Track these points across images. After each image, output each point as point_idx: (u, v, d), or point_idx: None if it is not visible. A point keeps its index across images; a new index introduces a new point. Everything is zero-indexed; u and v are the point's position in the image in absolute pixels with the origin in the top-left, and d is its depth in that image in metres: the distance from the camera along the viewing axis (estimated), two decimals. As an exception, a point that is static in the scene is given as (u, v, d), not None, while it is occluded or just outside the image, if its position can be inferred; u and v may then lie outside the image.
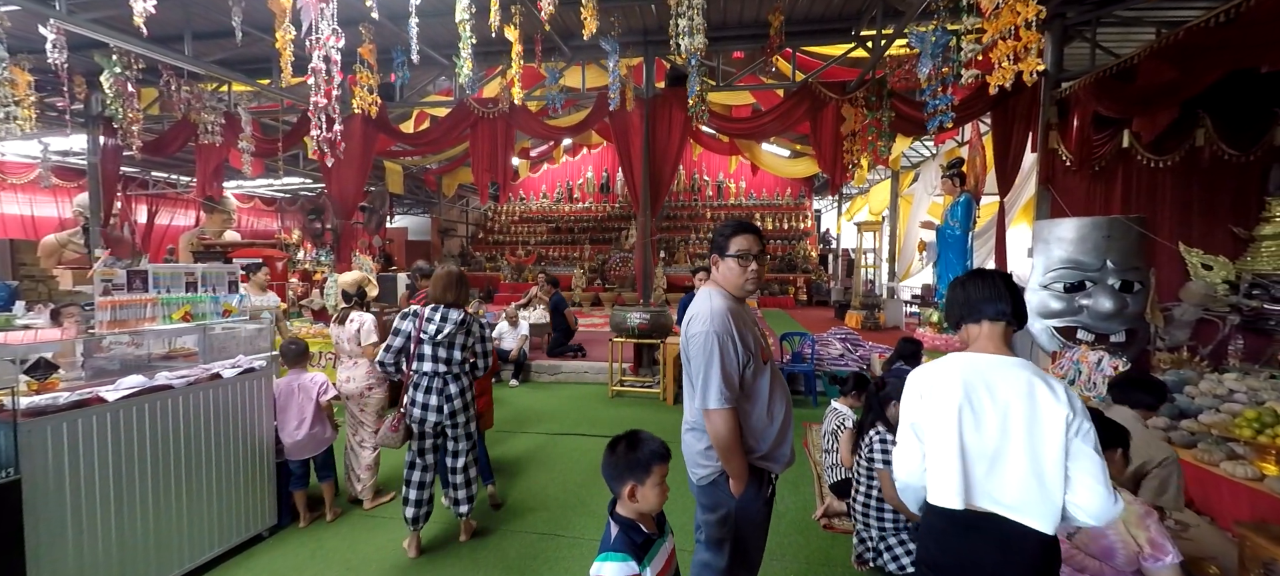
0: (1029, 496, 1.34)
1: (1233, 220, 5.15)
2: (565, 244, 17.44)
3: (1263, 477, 2.79)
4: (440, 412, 2.82)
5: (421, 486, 2.89)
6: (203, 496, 2.79)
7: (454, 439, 2.92)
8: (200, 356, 3.26)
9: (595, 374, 6.69)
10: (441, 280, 2.89)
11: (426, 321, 2.82)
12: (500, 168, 7.42)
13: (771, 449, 1.87)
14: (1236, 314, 4.87)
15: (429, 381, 2.81)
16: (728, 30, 6.73)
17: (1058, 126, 5.79)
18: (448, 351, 2.82)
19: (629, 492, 1.53)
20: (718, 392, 1.72)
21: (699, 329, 1.78)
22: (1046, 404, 1.33)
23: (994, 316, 1.43)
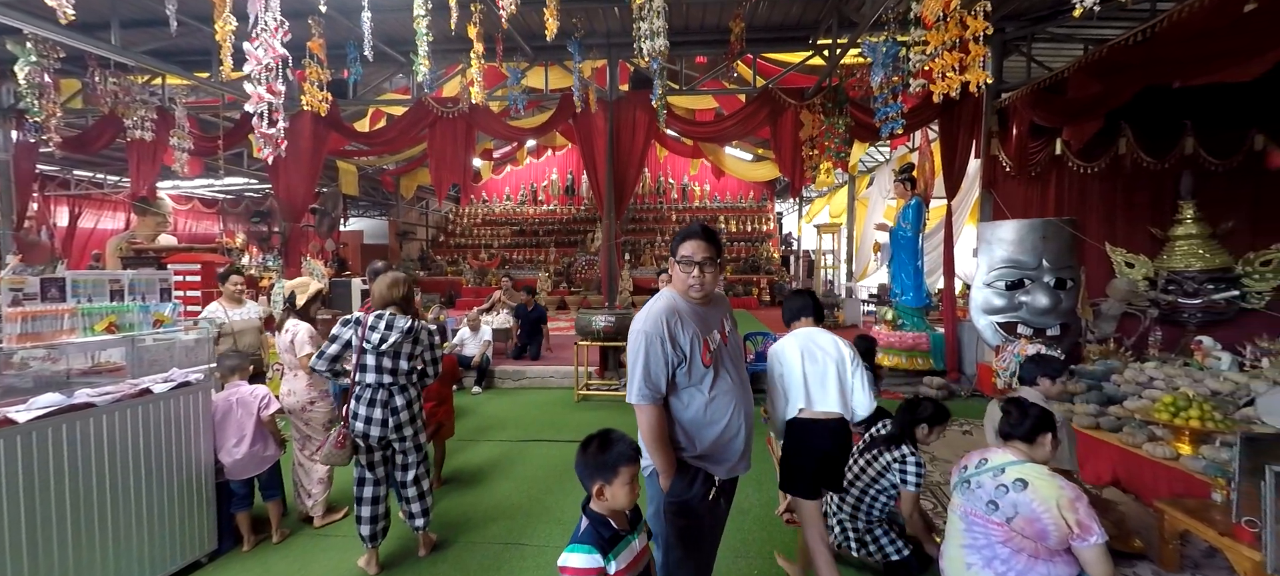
0: (836, 400, 2.41)
1: (1151, 222, 5.60)
2: (530, 247, 17.22)
3: (1178, 457, 3.04)
4: (385, 426, 2.65)
5: (374, 502, 2.74)
6: (132, 524, 2.58)
7: (403, 453, 2.77)
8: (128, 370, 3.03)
9: (561, 378, 6.63)
10: (386, 284, 2.73)
11: (370, 329, 2.63)
12: (461, 169, 7.26)
13: (709, 449, 1.88)
14: (1155, 308, 5.30)
15: (373, 393, 2.64)
16: (690, 35, 6.83)
17: (998, 134, 6.15)
18: (393, 361, 2.66)
19: (598, 491, 1.58)
20: (639, 388, 1.81)
21: (636, 327, 1.87)
22: (840, 352, 2.45)
23: (808, 316, 2.61)
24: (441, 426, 3.83)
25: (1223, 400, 3.31)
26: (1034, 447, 2.07)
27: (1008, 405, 2.22)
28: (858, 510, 2.74)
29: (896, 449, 2.66)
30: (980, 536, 2.05)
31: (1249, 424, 3.02)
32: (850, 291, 11.54)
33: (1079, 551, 1.92)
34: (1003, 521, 1.99)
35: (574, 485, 3.78)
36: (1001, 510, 1.99)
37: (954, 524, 2.18)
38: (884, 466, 2.67)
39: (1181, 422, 3.06)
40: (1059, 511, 1.89)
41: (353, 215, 16.47)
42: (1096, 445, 3.54)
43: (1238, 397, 3.33)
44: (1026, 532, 1.95)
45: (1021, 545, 1.96)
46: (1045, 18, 5.98)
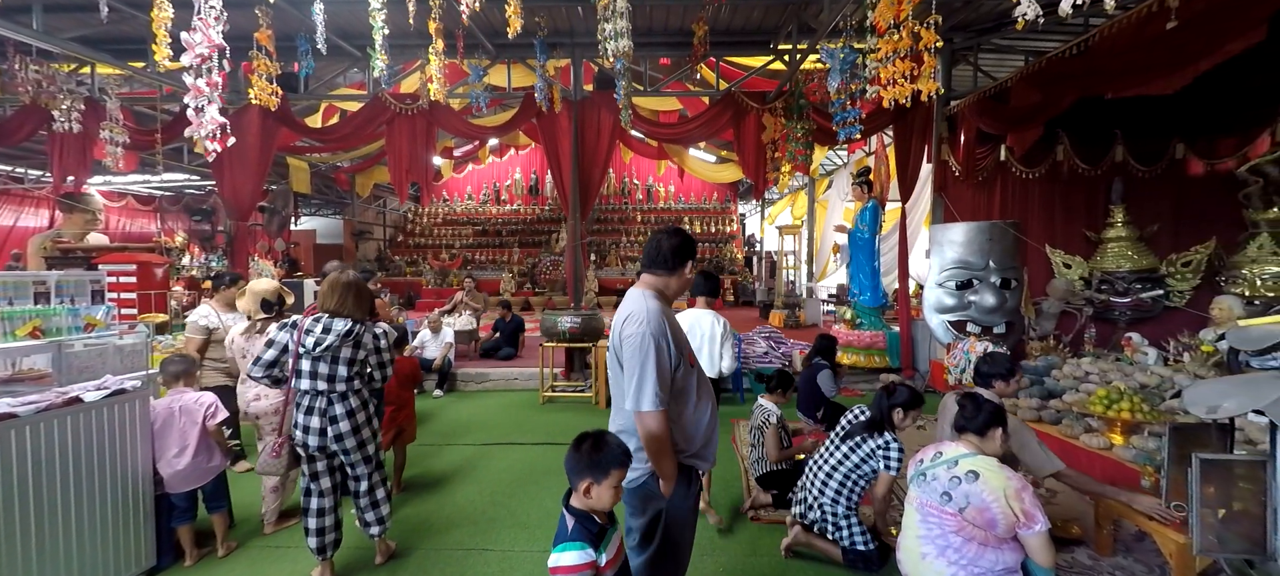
0: (708, 363, 3.29)
1: (1086, 225, 5.98)
2: (493, 247, 16.90)
3: (1111, 447, 3.24)
4: (324, 435, 2.48)
5: (320, 514, 2.59)
6: (59, 541, 2.38)
7: (350, 464, 2.61)
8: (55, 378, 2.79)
9: (525, 380, 6.52)
10: (330, 286, 2.55)
11: (305, 332, 2.48)
12: (421, 167, 7.05)
13: (700, 447, 1.92)
14: (1090, 306, 5.65)
15: (310, 400, 2.49)
16: (654, 36, 6.84)
17: (948, 140, 6.43)
18: (330, 366, 2.48)
19: (585, 488, 1.60)
20: (652, 394, 1.73)
21: (634, 330, 1.77)
22: (714, 328, 3.26)
23: (701, 296, 3.16)
24: (402, 431, 3.71)
25: (1150, 393, 3.55)
26: (985, 441, 2.16)
27: (963, 400, 2.31)
28: (840, 496, 2.81)
29: (878, 437, 2.74)
30: (934, 527, 2.12)
31: (1174, 415, 3.26)
32: (811, 291, 11.83)
33: (1024, 538, 2.01)
34: (956, 512, 2.06)
35: (539, 489, 3.73)
36: (954, 501, 2.07)
37: (910, 515, 2.25)
38: (867, 453, 2.74)
39: (1114, 414, 3.26)
40: (1006, 501, 1.98)
41: (305, 214, 15.73)
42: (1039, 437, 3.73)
43: (1163, 390, 3.58)
44: (977, 522, 2.03)
45: (972, 534, 2.04)
46: (990, 29, 6.30)
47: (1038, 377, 4.27)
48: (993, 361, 2.92)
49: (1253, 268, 4.85)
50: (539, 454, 4.38)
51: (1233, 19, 3.27)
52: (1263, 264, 4.81)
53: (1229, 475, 0.99)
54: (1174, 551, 2.44)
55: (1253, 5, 3.16)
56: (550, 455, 4.36)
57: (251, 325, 3.43)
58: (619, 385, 1.88)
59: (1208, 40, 3.42)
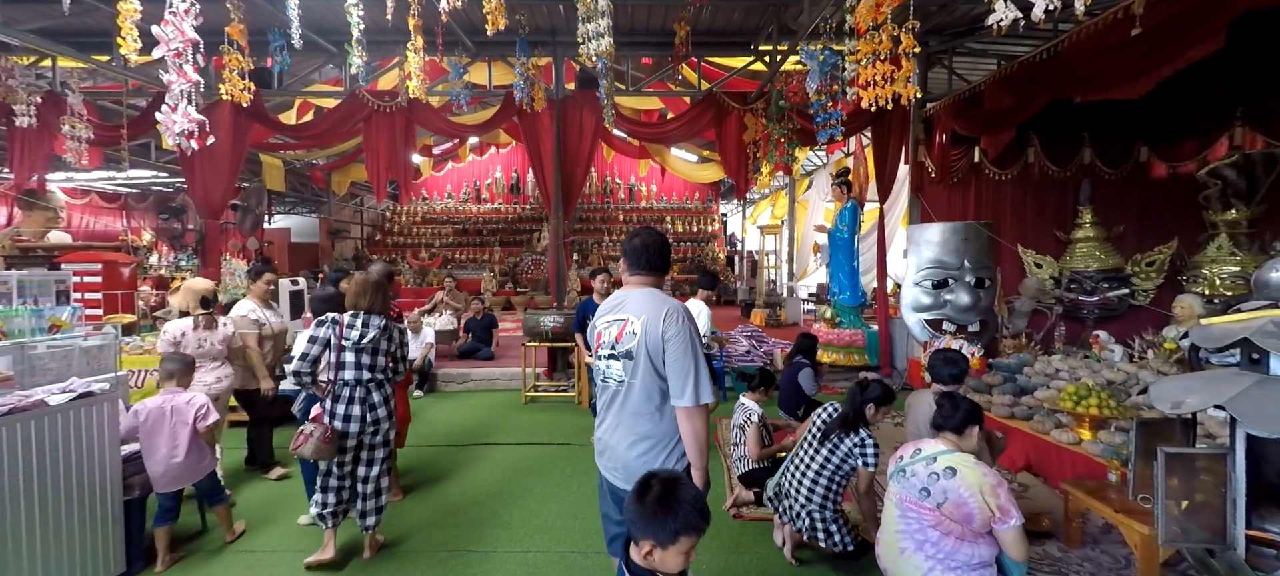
0: None
1: (1056, 225, 6.15)
2: (473, 246, 16.69)
3: (1080, 442, 3.34)
4: (362, 421, 2.76)
5: (339, 489, 2.82)
6: (22, 548, 2.28)
7: (371, 448, 2.85)
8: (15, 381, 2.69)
9: (507, 380, 6.45)
10: (361, 287, 2.83)
11: (347, 328, 2.76)
12: (399, 165, 6.91)
13: None
14: (1060, 305, 5.82)
15: (351, 390, 2.75)
16: (636, 35, 6.83)
17: (924, 142, 6.55)
18: (371, 358, 2.79)
19: (646, 551, 1.33)
20: (708, 387, 1.78)
21: (678, 328, 1.78)
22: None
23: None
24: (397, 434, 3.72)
25: (1117, 389, 3.67)
26: (963, 438, 2.21)
27: (941, 399, 2.35)
28: (826, 500, 2.79)
29: (854, 434, 2.75)
30: (913, 522, 2.16)
31: (1140, 410, 3.37)
32: (792, 291, 11.96)
33: (999, 533, 2.05)
34: (934, 507, 2.10)
35: (522, 490, 3.69)
36: (933, 496, 2.11)
37: (889, 511, 2.28)
38: (847, 453, 2.76)
39: (1083, 410, 3.36)
40: (982, 497, 2.02)
41: (279, 212, 15.30)
42: (1011, 433, 3.83)
43: (1129, 386, 3.71)
44: (954, 517, 2.07)
45: (950, 529, 2.08)
46: (964, 33, 6.44)
47: (1010, 375, 4.38)
48: (952, 362, 2.96)
49: (1212, 267, 5.05)
50: (522, 455, 4.34)
51: (1193, 27, 3.40)
52: (1221, 264, 5.01)
53: (1192, 468, 1.03)
54: (1139, 542, 2.52)
55: (1212, 15, 3.29)
56: (533, 455, 4.32)
57: (196, 320, 3.64)
58: (648, 389, 1.82)
59: (1170, 48, 3.54)
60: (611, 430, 1.93)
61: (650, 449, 1.84)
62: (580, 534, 3.12)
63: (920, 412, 2.87)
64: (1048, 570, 2.73)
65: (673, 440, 1.83)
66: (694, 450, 1.79)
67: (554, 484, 3.79)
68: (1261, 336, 0.98)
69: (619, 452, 1.89)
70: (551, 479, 3.88)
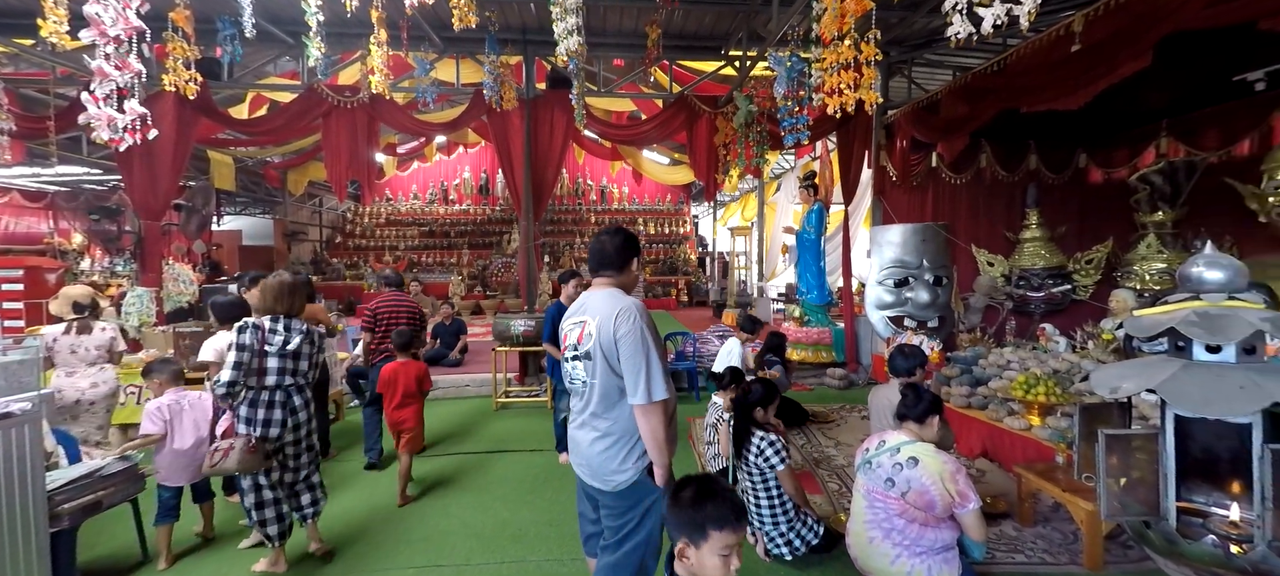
0: None
1: (1006, 226, 6.51)
2: (441, 249, 16.33)
3: (1030, 427, 3.56)
4: (284, 426, 2.71)
5: (276, 503, 2.74)
6: None
7: (298, 453, 2.81)
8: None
9: (477, 386, 6.35)
10: (273, 289, 2.77)
11: (270, 333, 2.70)
12: (361, 164, 6.71)
13: (672, 435, 1.97)
14: (1010, 300, 6.16)
15: (272, 395, 2.70)
16: (607, 37, 6.86)
17: (885, 147, 6.83)
18: (293, 362, 2.74)
19: (680, 550, 1.30)
20: (663, 382, 1.79)
21: (629, 326, 1.79)
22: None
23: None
24: (406, 435, 3.68)
25: (1061, 377, 3.92)
26: (924, 428, 2.33)
27: (904, 390, 2.47)
28: (776, 513, 2.82)
29: (751, 441, 2.80)
30: (880, 511, 2.26)
31: (1082, 397, 3.61)
32: (762, 291, 12.20)
33: (960, 516, 2.18)
34: (899, 496, 2.21)
35: (493, 498, 3.65)
36: (897, 486, 2.21)
37: (858, 502, 2.39)
38: (757, 458, 2.79)
39: (1032, 398, 3.58)
40: (943, 483, 2.14)
41: (229, 213, 14.56)
42: (969, 422, 4.04)
43: (1072, 375, 3.97)
44: (918, 504, 2.18)
45: (914, 515, 2.19)
46: (922, 45, 6.74)
47: (966, 367, 4.61)
48: (908, 356, 3.11)
49: (1142, 264, 5.45)
50: (494, 463, 4.29)
51: (1125, 46, 3.67)
52: (1150, 261, 5.42)
53: (1128, 447, 1.13)
54: (1084, 517, 2.71)
55: (1140, 35, 3.57)
56: (505, 463, 4.27)
57: (68, 325, 3.75)
58: (606, 388, 1.86)
59: (1105, 63, 3.82)
60: (579, 428, 1.98)
61: (611, 445, 1.88)
62: (556, 541, 3.10)
63: (883, 406, 3.01)
64: (1004, 548, 2.90)
65: (634, 437, 1.85)
66: (652, 448, 1.81)
67: (528, 491, 3.76)
68: (1185, 325, 1.08)
69: (583, 448, 1.96)
70: (525, 485, 3.84)
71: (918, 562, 2.17)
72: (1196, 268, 1.15)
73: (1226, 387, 1.02)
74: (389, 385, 3.66)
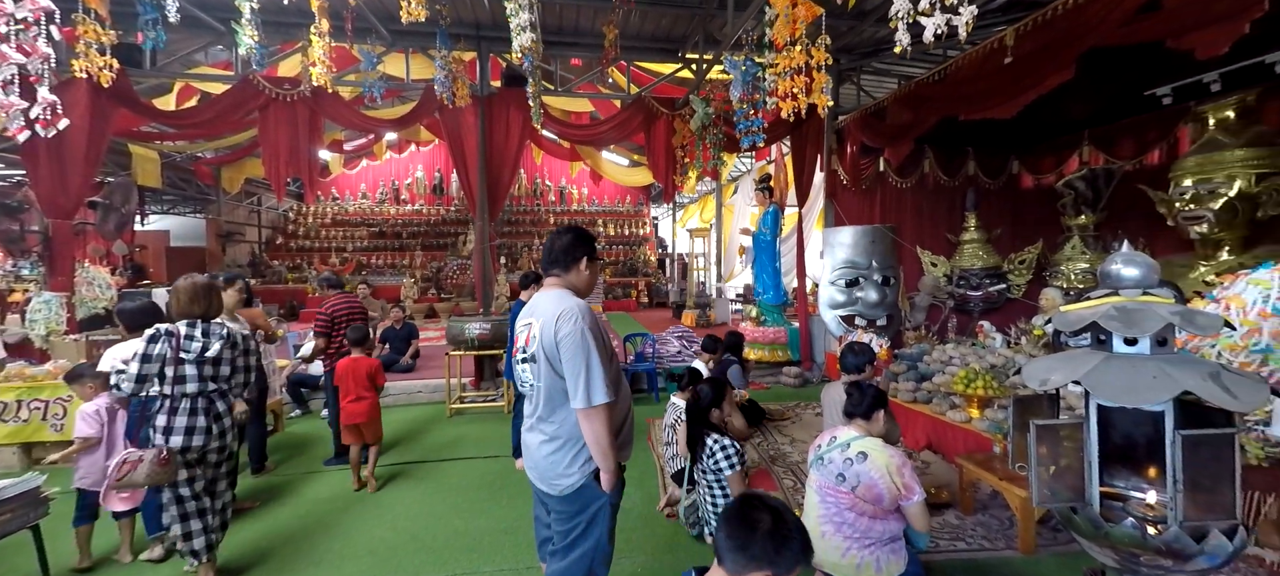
0: None
1: (947, 228, 6.85)
2: (392, 250, 15.73)
3: (970, 420, 3.74)
4: (208, 434, 2.56)
5: (201, 514, 2.59)
6: None
7: (218, 465, 2.68)
8: None
9: (429, 392, 6.12)
10: (186, 292, 2.62)
11: (186, 339, 2.55)
12: (302, 161, 6.34)
13: (626, 437, 1.95)
14: (951, 299, 6.48)
15: (193, 402, 2.55)
16: (564, 35, 6.77)
17: (837, 151, 7.05)
18: (213, 368, 2.61)
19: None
20: (603, 386, 1.74)
21: (571, 327, 1.75)
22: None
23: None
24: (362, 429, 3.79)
25: (998, 371, 4.14)
26: (871, 423, 2.39)
27: (850, 388, 2.53)
28: None
29: (706, 443, 2.82)
30: (832, 506, 2.31)
31: (1016, 389, 3.82)
32: (720, 292, 12.37)
33: (905, 508, 2.25)
34: (849, 490, 2.26)
35: (449, 510, 3.51)
36: (848, 480, 2.26)
37: (810, 498, 2.43)
38: (715, 467, 2.81)
39: (971, 392, 3.76)
40: (890, 477, 2.20)
41: (155, 212, 13.45)
42: (915, 415, 4.21)
43: (1007, 369, 4.20)
44: (867, 498, 2.24)
45: (864, 509, 2.25)
46: (870, 54, 7.01)
47: (912, 363, 4.81)
48: (857, 353, 3.21)
49: (1068, 264, 5.85)
50: (446, 471, 4.13)
51: (1051, 59, 3.92)
52: (1075, 261, 5.82)
53: (1057, 436, 1.18)
54: (1018, 504, 2.86)
55: (1064, 49, 3.82)
56: (458, 471, 4.12)
57: None
58: (550, 391, 1.83)
59: (1034, 75, 4.07)
60: (528, 431, 1.96)
61: (558, 449, 1.85)
62: (511, 549, 3.00)
63: (834, 402, 3.08)
64: (947, 537, 3.02)
65: (580, 440, 1.81)
66: (596, 452, 1.78)
67: (483, 499, 3.64)
68: (1106, 320, 1.14)
69: (532, 452, 1.93)
70: (479, 494, 3.72)
71: (867, 554, 2.22)
72: (1115, 265, 1.21)
73: (1142, 377, 1.07)
74: (344, 379, 3.82)
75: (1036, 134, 6.25)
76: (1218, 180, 4.43)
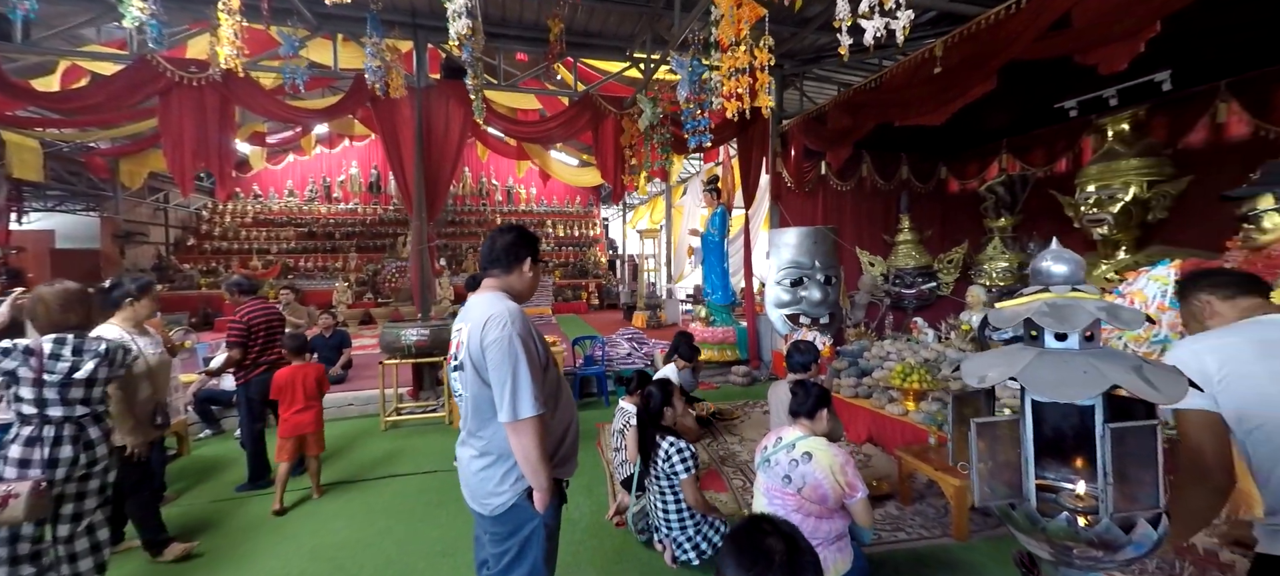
0: None
1: (883, 230, 7.17)
2: (323, 252, 14.75)
3: (907, 413, 3.88)
4: (75, 464, 2.22)
5: (36, 557, 2.16)
6: None
7: (81, 496, 2.29)
8: None
9: (361, 404, 5.72)
10: (57, 300, 2.29)
11: (50, 359, 2.20)
12: (213, 152, 5.76)
13: (567, 452, 1.83)
14: (888, 297, 6.78)
15: (59, 428, 2.21)
16: (508, 28, 6.54)
17: (781, 154, 7.22)
18: (85, 390, 2.28)
19: None
20: (531, 398, 1.60)
21: (498, 333, 1.62)
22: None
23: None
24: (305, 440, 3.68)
25: (931, 365, 4.35)
26: (815, 422, 2.40)
27: (795, 387, 2.53)
28: (683, 520, 2.77)
29: (661, 446, 2.76)
30: (779, 508, 2.29)
31: (948, 382, 4.02)
32: (670, 292, 12.43)
33: (849, 506, 2.27)
34: (795, 492, 2.25)
35: (378, 531, 3.24)
36: (794, 482, 2.26)
37: (759, 501, 2.41)
38: (670, 468, 2.77)
39: (908, 386, 3.91)
40: (834, 476, 2.22)
41: (37, 208, 11.91)
42: (857, 410, 4.34)
43: (939, 363, 4.42)
44: (813, 498, 2.24)
45: (810, 510, 2.25)
46: (812, 60, 7.23)
47: (853, 360, 4.97)
48: (801, 351, 3.26)
49: (990, 263, 6.26)
50: (378, 491, 3.85)
51: (975, 70, 4.16)
52: (996, 260, 6.24)
53: (995, 433, 1.18)
54: (952, 493, 2.98)
55: (986, 61, 4.06)
56: (392, 490, 3.85)
57: None
58: (478, 401, 1.69)
59: (960, 85, 4.30)
60: (461, 445, 1.82)
61: (488, 465, 1.72)
62: (450, 573, 2.82)
63: (780, 400, 3.10)
64: (888, 527, 3.11)
65: (511, 457, 1.68)
66: (526, 469, 1.65)
67: (418, 520, 3.39)
68: (1038, 315, 1.15)
69: (463, 467, 1.80)
70: (414, 515, 3.46)
71: (814, 555, 2.22)
72: (1045, 262, 1.23)
73: (1074, 372, 1.08)
74: (286, 390, 3.65)
75: (962, 141, 6.65)
76: (1115, 186, 4.86)
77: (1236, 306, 1.55)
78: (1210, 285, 1.61)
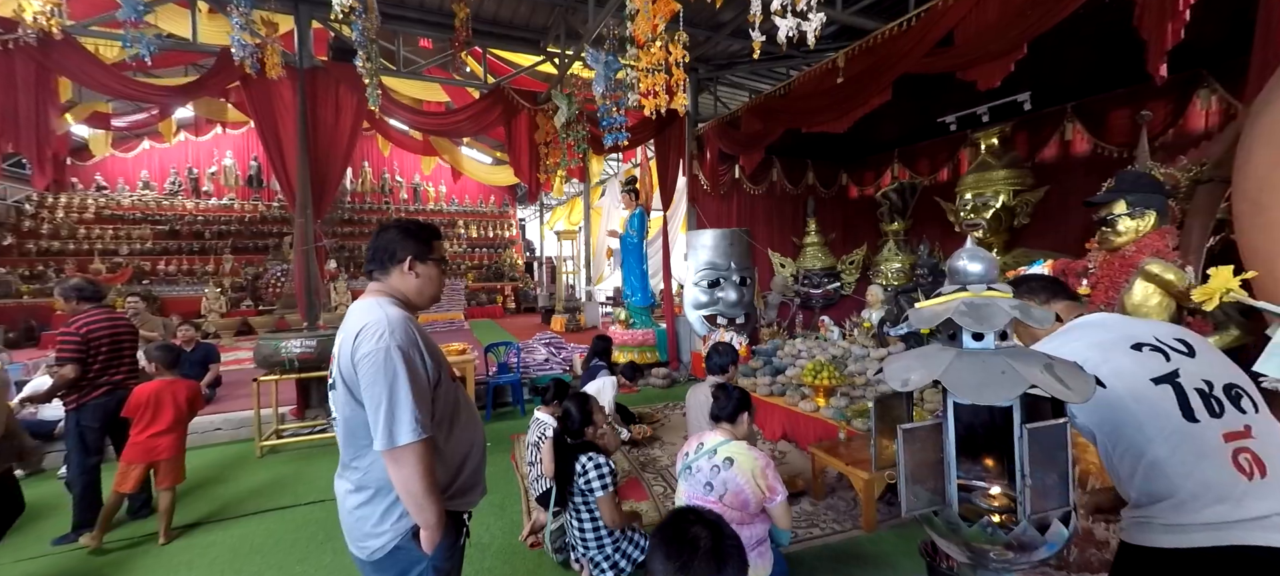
0: None
1: (792, 232, 7.50)
2: (189, 254, 12.83)
3: (819, 408, 4.01)
4: None
5: None
6: None
7: None
8: None
9: (231, 428, 4.94)
10: None
11: None
12: (29, 132, 4.72)
13: (468, 482, 1.57)
14: (798, 297, 7.09)
15: None
16: (408, 10, 6.01)
17: (697, 157, 7.31)
18: None
19: None
20: (410, 422, 1.35)
21: (372, 346, 1.36)
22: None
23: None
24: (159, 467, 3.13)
25: (838, 362, 4.55)
26: (736, 426, 2.34)
27: (715, 392, 2.47)
28: (602, 537, 2.60)
29: (578, 461, 2.59)
30: (701, 518, 2.20)
31: (854, 379, 4.21)
32: (590, 295, 12.23)
33: (770, 509, 2.23)
34: (717, 499, 2.17)
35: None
36: (716, 489, 2.18)
37: (680, 511, 2.30)
38: (587, 483, 2.58)
39: (818, 383, 4.05)
40: (755, 480, 2.16)
41: None
42: (772, 408, 4.43)
43: (845, 359, 4.65)
44: (734, 504, 2.17)
45: (732, 516, 2.18)
46: (725, 66, 7.40)
47: (767, 358, 5.10)
48: (720, 353, 3.25)
49: (886, 264, 6.75)
50: (250, 530, 3.29)
51: (873, 81, 4.43)
52: (891, 261, 6.73)
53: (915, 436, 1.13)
54: (861, 486, 3.08)
55: (883, 73, 4.33)
56: (266, 528, 3.30)
57: None
58: (352, 426, 1.42)
59: (860, 95, 4.56)
60: (339, 478, 1.52)
61: (366, 501, 1.45)
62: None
63: (699, 403, 3.04)
64: (804, 525, 3.16)
65: (392, 491, 1.43)
66: (410, 505, 1.40)
67: (296, 560, 2.93)
68: (957, 315, 1.12)
69: (340, 503, 1.51)
70: (295, 552, 3.00)
71: (737, 564, 2.15)
72: (961, 261, 1.21)
73: (992, 373, 1.05)
74: (146, 407, 3.11)
75: (861, 150, 7.13)
76: (988, 194, 5.40)
77: (1052, 309, 1.53)
78: (1027, 292, 1.59)
